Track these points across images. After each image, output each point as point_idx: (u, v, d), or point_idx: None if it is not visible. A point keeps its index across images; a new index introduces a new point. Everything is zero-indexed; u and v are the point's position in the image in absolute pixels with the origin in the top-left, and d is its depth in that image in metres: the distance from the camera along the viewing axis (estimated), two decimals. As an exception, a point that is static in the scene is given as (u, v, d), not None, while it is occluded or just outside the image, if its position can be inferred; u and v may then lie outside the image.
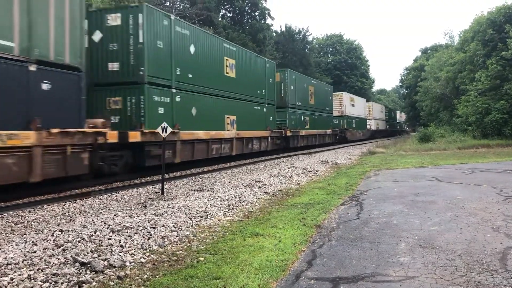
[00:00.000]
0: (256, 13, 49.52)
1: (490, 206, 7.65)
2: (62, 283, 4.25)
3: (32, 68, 9.07)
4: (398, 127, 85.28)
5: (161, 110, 13.71)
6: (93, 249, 5.22)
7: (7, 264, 4.63)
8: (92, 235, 5.75)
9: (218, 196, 9.22)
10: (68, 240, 5.51)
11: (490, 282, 4.07)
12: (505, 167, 14.35)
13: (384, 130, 67.18)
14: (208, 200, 8.80)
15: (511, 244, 5.23)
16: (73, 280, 4.32)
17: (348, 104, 44.04)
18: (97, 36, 13.20)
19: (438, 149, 24.72)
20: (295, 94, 28.36)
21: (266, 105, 23.34)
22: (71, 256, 4.91)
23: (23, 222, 7.39)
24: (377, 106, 64.63)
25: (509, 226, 6.15)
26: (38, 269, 4.54)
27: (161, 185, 10.49)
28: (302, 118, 29.66)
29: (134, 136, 12.40)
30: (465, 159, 17.69)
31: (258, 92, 22.30)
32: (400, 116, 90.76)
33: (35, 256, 4.89)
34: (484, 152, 21.55)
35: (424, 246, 5.31)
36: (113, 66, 13.16)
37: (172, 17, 14.66)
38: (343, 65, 72.67)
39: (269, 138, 23.39)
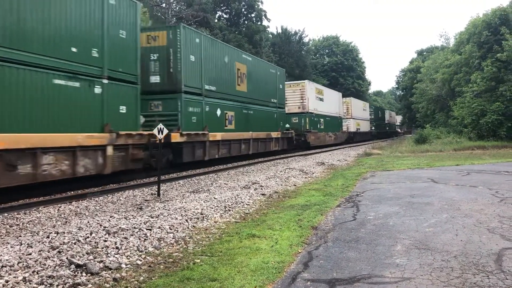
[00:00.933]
0: (253, 15, 49.62)
1: (486, 208, 7.67)
2: (57, 286, 4.23)
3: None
4: (387, 128, 74.45)
5: None
6: (89, 251, 5.20)
7: (2, 266, 4.60)
8: (88, 237, 5.73)
9: (215, 198, 9.21)
10: (64, 242, 5.48)
11: (486, 283, 4.08)
12: (501, 168, 14.41)
13: (368, 132, 56.61)
14: (204, 201, 8.79)
15: (507, 245, 5.25)
16: (69, 282, 4.30)
17: (313, 98, 33.08)
18: None
19: (434, 151, 24.80)
20: (201, 70, 16.73)
21: (106, 81, 11.47)
22: (67, 258, 4.89)
23: (18, 224, 7.35)
24: (358, 103, 53.16)
25: (505, 227, 6.17)
26: (33, 272, 4.52)
27: (157, 186, 10.46)
28: (219, 112, 18.05)
29: None
30: (461, 161, 17.76)
31: (75, 51, 10.47)
32: (390, 116, 79.79)
33: (30, 258, 4.86)
34: (479, 154, 21.65)
35: (420, 247, 5.32)
36: None
37: None
38: (340, 67, 72.86)
39: (109, 149, 11.48)
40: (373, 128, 60.50)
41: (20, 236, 6.28)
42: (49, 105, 9.83)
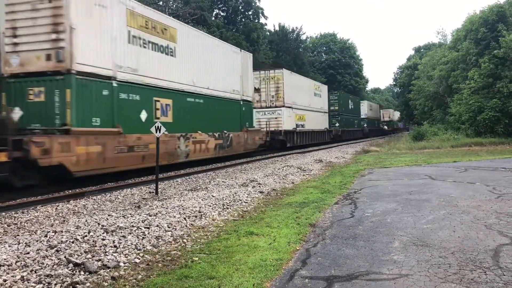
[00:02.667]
0: (250, 12, 49.52)
1: (483, 204, 7.70)
2: (55, 284, 4.23)
3: None
4: (365, 125, 57.61)
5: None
6: (87, 250, 5.20)
7: (0, 265, 4.59)
8: (86, 236, 5.73)
9: (213, 196, 9.21)
10: (62, 241, 5.48)
11: (483, 279, 4.09)
12: (498, 165, 14.45)
13: (323, 131, 37.72)
14: (202, 199, 8.79)
15: (504, 242, 5.27)
16: (67, 281, 4.29)
17: (118, 28, 12.59)
18: None
19: (431, 148, 24.85)
20: None
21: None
22: (65, 257, 4.89)
23: (16, 223, 7.35)
24: (301, 81, 33.24)
25: (502, 223, 6.20)
26: (31, 271, 4.52)
27: (155, 185, 10.46)
28: None
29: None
30: (458, 157, 17.80)
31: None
32: (371, 109, 62.00)
33: (28, 257, 4.86)
34: (477, 150, 21.69)
35: (418, 244, 5.34)
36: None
37: None
38: (337, 64, 72.90)
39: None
40: (336, 124, 42.59)
41: (18, 235, 6.27)
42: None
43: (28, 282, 4.24)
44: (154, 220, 6.78)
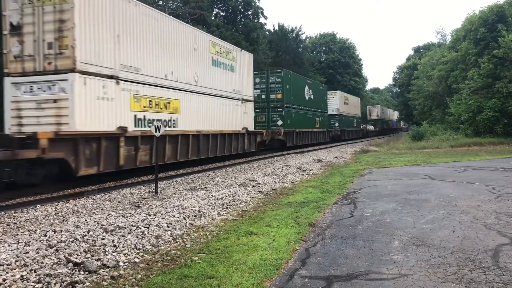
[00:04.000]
0: (249, 12, 49.44)
1: (483, 204, 7.71)
2: (55, 284, 4.23)
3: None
4: (336, 124, 43.18)
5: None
6: (87, 249, 5.20)
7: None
8: (85, 235, 5.72)
9: (212, 195, 9.21)
10: (61, 240, 5.48)
11: (483, 279, 4.10)
12: (497, 165, 14.47)
13: (237, 134, 19.90)
14: (202, 199, 8.79)
15: (503, 241, 5.28)
16: (66, 281, 4.29)
17: None
18: None
19: (431, 148, 24.87)
20: None
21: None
22: (64, 256, 4.89)
23: (15, 223, 7.34)
24: (185, 32, 15.76)
25: (501, 223, 6.20)
26: (30, 270, 4.51)
27: (154, 184, 10.45)
28: None
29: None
30: (458, 157, 17.82)
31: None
32: (346, 103, 47.46)
33: (27, 257, 4.86)
34: (476, 150, 21.71)
35: (417, 244, 5.34)
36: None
37: None
38: (337, 64, 72.82)
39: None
40: (279, 123, 27.39)
41: (17, 234, 6.27)
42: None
43: (28, 282, 4.24)
44: (154, 220, 6.78)
